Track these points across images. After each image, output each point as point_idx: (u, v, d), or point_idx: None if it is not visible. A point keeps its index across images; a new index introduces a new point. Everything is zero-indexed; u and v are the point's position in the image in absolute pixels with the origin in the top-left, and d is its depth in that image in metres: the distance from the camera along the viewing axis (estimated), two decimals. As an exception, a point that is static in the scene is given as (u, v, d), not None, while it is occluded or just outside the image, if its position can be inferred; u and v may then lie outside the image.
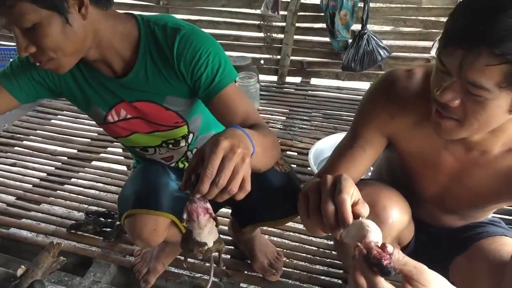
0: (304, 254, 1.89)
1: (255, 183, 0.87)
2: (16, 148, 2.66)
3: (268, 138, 1.07)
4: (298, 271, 1.80)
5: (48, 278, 1.64)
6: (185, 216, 0.85)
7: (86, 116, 1.44)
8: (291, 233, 2.01)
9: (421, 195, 1.24)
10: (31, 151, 2.58)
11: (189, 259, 0.93)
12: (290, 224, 2.02)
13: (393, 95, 1.10)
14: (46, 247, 1.33)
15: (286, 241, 1.96)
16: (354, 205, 0.79)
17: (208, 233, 0.86)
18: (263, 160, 1.03)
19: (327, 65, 3.59)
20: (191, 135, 1.42)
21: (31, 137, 2.77)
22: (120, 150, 2.65)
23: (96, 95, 1.30)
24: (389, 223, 1.10)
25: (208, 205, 0.85)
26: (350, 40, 3.29)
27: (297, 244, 1.95)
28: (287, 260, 1.84)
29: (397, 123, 1.12)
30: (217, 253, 0.90)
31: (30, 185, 2.31)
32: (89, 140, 2.75)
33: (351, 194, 0.79)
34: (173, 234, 1.48)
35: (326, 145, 2.39)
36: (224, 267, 1.79)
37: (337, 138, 2.40)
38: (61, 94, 1.33)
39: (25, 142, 2.71)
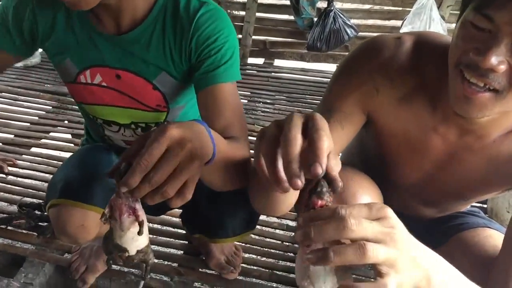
0: (265, 249, 1.76)
1: (206, 192, 0.74)
2: None
3: (238, 152, 0.92)
4: (258, 268, 1.66)
5: (-32, 281, 1.45)
6: (106, 210, 0.70)
7: (26, 98, 1.30)
8: (251, 225, 1.86)
9: (397, 183, 1.12)
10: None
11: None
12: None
13: (379, 64, 0.97)
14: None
15: (246, 234, 1.82)
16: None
17: (132, 239, 0.71)
18: (223, 176, 0.89)
19: (291, 45, 3.49)
20: None
21: (-39, 120, 2.52)
22: (64, 135, 2.45)
23: (76, 50, 1.16)
24: None
25: (138, 206, 0.70)
26: (315, 18, 3.19)
27: (257, 237, 1.82)
28: (246, 256, 1.71)
29: (382, 97, 0.99)
30: (143, 264, 0.76)
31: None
32: (28, 124, 2.53)
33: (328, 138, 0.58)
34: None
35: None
36: (176, 264, 1.64)
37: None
38: (33, 38, 1.19)
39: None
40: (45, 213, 1.77)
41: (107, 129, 1.33)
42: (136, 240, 0.71)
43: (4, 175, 2.08)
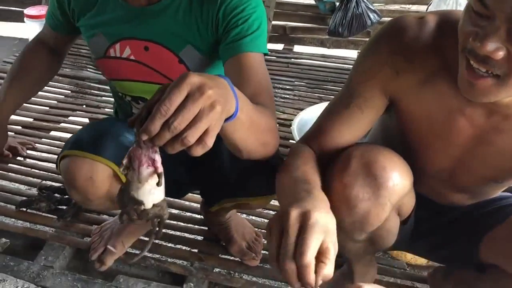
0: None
1: (226, 152, 0.74)
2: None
3: (264, 118, 0.91)
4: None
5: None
6: (124, 161, 0.70)
7: None
8: (271, 212, 1.85)
9: (424, 170, 1.09)
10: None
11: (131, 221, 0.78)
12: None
13: (400, 46, 0.96)
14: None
15: (266, 221, 1.80)
16: (318, 255, 0.72)
17: (149, 192, 0.72)
18: (246, 139, 0.87)
19: (312, 31, 3.44)
20: None
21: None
22: (83, 120, 2.45)
23: (107, 23, 1.22)
24: (389, 186, 0.95)
25: (157, 157, 0.71)
26: (337, 3, 3.12)
27: (278, 224, 1.79)
28: (266, 242, 1.68)
29: (403, 80, 0.98)
30: (157, 219, 0.76)
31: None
32: (47, 108, 2.54)
33: (315, 250, 0.71)
34: None
35: (311, 115, 2.23)
36: (196, 250, 1.63)
37: (323, 108, 2.24)
38: (73, 17, 1.31)
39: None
40: (65, 196, 1.79)
41: (135, 106, 1.33)
42: (153, 193, 0.71)
43: (22, 158, 2.09)
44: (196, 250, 1.63)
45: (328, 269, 0.72)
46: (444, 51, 0.92)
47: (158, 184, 0.71)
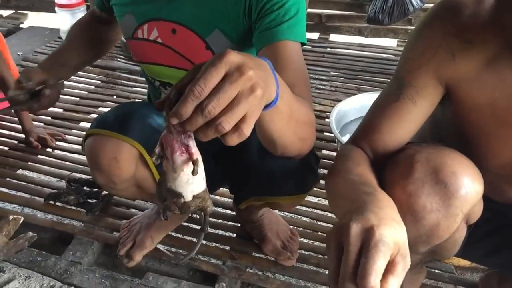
0: (324, 234, 1.64)
1: (257, 146, 0.66)
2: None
3: (304, 109, 0.83)
4: (316, 255, 1.56)
5: (16, 258, 1.42)
6: (157, 149, 0.63)
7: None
8: (307, 209, 1.76)
9: (484, 165, 0.98)
10: (9, 111, 2.33)
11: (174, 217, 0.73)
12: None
13: (455, 26, 0.87)
14: (-2, 223, 1.10)
15: (302, 218, 1.72)
16: (385, 272, 0.61)
17: (186, 182, 0.65)
18: (285, 129, 0.79)
19: (349, 18, 3.34)
20: None
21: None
22: (113, 110, 2.41)
23: (136, 1, 1.17)
24: (462, 194, 0.84)
25: (191, 142, 0.63)
26: (377, -12, 2.99)
27: (314, 221, 1.71)
28: (303, 241, 1.61)
29: (460, 65, 0.89)
30: (201, 212, 0.70)
31: (6, 148, 2.07)
32: (78, 98, 2.52)
33: (380, 272, 0.60)
34: (145, 177, 1.22)
35: (350, 106, 2.15)
36: (228, 247, 1.56)
37: (364, 98, 2.16)
38: None
39: (5, 100, 2.46)
40: (94, 189, 1.75)
41: (164, 92, 1.28)
42: (191, 183, 0.65)
43: (51, 150, 2.07)
44: (228, 248, 1.57)
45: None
46: (506, 28, 0.83)
47: (193, 172, 0.64)
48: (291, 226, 1.61)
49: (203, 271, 1.49)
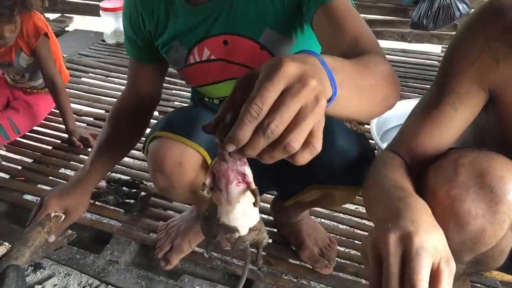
0: (361, 242, 1.60)
1: None
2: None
3: (374, 72, 0.76)
4: (354, 263, 1.53)
5: (56, 255, 1.45)
6: (207, 181, 0.58)
7: (117, 74, 1.43)
8: (346, 216, 1.74)
9: None
10: (53, 110, 2.40)
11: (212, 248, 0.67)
12: (344, 204, 1.78)
13: (499, 29, 0.85)
14: (40, 220, 1.12)
15: (340, 226, 1.70)
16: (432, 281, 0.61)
17: (242, 215, 0.59)
18: (359, 106, 0.71)
19: (392, 23, 3.28)
20: None
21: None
22: (155, 113, 2.44)
23: (180, 31, 1.17)
24: (509, 199, 0.81)
25: (247, 170, 0.57)
26: (422, -7, 2.93)
27: (352, 229, 1.68)
28: (341, 249, 1.58)
29: (504, 70, 0.86)
30: (252, 245, 0.64)
31: (49, 147, 2.14)
32: (119, 100, 2.55)
33: (426, 280, 0.60)
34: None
35: (392, 113, 2.06)
36: (265, 253, 1.55)
37: (405, 104, 2.09)
38: (150, 36, 1.26)
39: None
40: (133, 190, 1.77)
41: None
42: (247, 215, 0.59)
43: (90, 149, 2.11)
44: (264, 253, 1.55)
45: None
46: None
47: (255, 204, 0.59)
48: (330, 234, 1.59)
49: (238, 275, 1.48)
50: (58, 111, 2.16)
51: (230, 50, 1.16)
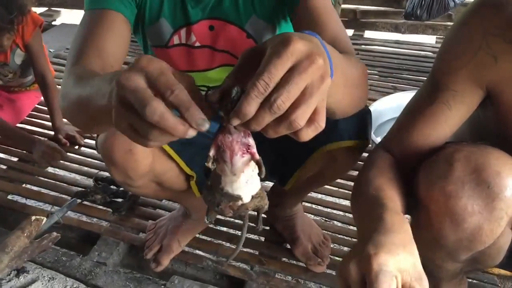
0: (356, 239, 1.57)
1: None
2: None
3: (355, 69, 0.77)
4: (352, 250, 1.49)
5: (42, 257, 1.41)
6: (211, 152, 0.59)
7: None
8: (340, 213, 1.71)
9: None
10: (39, 107, 2.35)
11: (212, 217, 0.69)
12: (338, 200, 1.75)
13: (498, 24, 0.81)
14: (20, 224, 1.08)
15: (335, 223, 1.67)
16: None
17: (245, 183, 0.61)
18: (342, 98, 0.72)
19: (385, 14, 3.27)
20: None
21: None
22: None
23: (169, 6, 1.12)
24: (507, 195, 0.79)
25: (251, 140, 0.59)
26: (416, -17, 2.90)
27: (347, 226, 1.65)
28: (335, 247, 1.55)
29: (503, 67, 0.83)
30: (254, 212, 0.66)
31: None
32: (107, 95, 2.51)
33: None
34: (164, 170, 1.17)
35: (386, 106, 2.08)
36: (257, 252, 1.52)
37: (400, 97, 2.09)
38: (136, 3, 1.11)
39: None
40: (121, 189, 1.73)
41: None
42: (250, 184, 0.60)
43: (77, 147, 2.08)
44: (257, 252, 1.52)
45: None
46: None
47: (259, 174, 0.60)
48: (324, 231, 1.56)
49: (230, 276, 1.45)
50: (43, 108, 2.12)
51: (216, 36, 1.13)
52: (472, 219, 0.80)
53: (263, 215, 0.73)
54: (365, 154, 1.94)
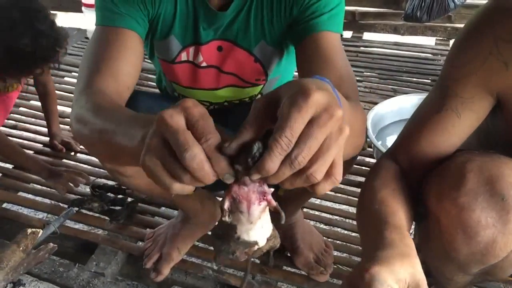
0: (359, 247, 1.55)
1: None
2: (20, 108, 2.40)
3: (359, 120, 0.78)
4: (351, 270, 1.47)
5: (38, 268, 1.38)
6: (226, 205, 0.57)
7: None
8: (342, 219, 1.68)
9: None
10: (35, 112, 2.32)
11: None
12: (339, 206, 1.73)
13: (509, 30, 0.79)
14: (16, 237, 1.05)
15: (337, 229, 1.64)
16: None
17: (261, 228, 0.60)
18: (345, 149, 0.73)
19: (384, 16, 3.25)
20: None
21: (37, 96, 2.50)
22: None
23: (181, 25, 1.11)
24: None
25: (266, 188, 0.58)
26: (416, -16, 2.88)
27: (350, 233, 1.62)
28: (338, 254, 1.52)
29: None
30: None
31: (31, 152, 2.05)
32: (103, 100, 2.48)
33: None
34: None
35: (388, 109, 2.05)
36: (258, 261, 1.49)
37: (401, 100, 2.07)
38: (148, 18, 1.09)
39: (31, 102, 2.45)
40: (119, 196, 1.70)
41: None
42: (264, 228, 0.60)
43: (73, 153, 2.06)
44: (258, 261, 1.49)
45: None
46: None
47: (280, 219, 0.60)
48: (326, 238, 1.54)
49: (230, 285, 1.42)
50: (38, 113, 2.08)
51: (224, 58, 1.15)
52: (485, 232, 0.78)
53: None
54: (367, 159, 1.96)
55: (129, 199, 1.71)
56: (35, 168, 1.76)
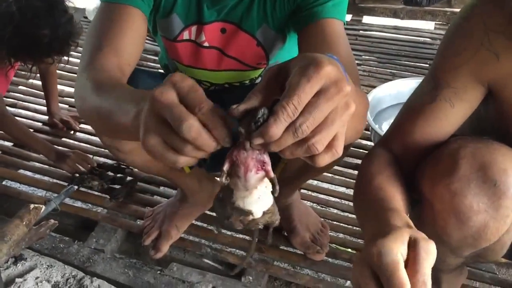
0: (356, 228, 1.58)
1: None
2: (19, 87, 2.40)
3: (361, 104, 0.77)
4: (348, 249, 1.50)
5: (39, 244, 1.41)
6: (225, 167, 0.58)
7: None
8: (338, 200, 1.71)
9: None
10: (34, 90, 2.33)
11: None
12: (336, 188, 1.75)
13: (500, 20, 0.79)
14: (19, 212, 1.07)
15: (333, 210, 1.67)
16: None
17: (258, 199, 0.60)
18: (347, 130, 0.74)
19: (384, 0, 3.20)
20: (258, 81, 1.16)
21: (36, 75, 2.49)
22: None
23: (183, 4, 1.11)
24: None
25: (266, 158, 0.58)
26: (416, -33, 2.87)
27: (346, 214, 1.65)
28: (334, 235, 1.55)
29: (505, 64, 0.81)
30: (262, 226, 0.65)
31: (31, 130, 2.05)
32: (102, 80, 2.48)
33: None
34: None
35: (385, 93, 2.07)
36: (256, 239, 1.52)
37: (399, 84, 2.08)
38: None
39: (30, 81, 2.44)
40: (119, 175, 1.72)
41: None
42: (262, 200, 0.60)
43: (72, 133, 2.07)
44: (256, 240, 1.52)
45: None
46: None
47: (273, 192, 0.60)
48: (323, 219, 1.56)
49: (229, 263, 1.45)
50: (39, 92, 2.08)
51: (227, 40, 1.15)
52: (477, 218, 0.79)
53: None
54: (363, 142, 1.97)
55: (129, 178, 1.73)
56: (44, 150, 1.78)
